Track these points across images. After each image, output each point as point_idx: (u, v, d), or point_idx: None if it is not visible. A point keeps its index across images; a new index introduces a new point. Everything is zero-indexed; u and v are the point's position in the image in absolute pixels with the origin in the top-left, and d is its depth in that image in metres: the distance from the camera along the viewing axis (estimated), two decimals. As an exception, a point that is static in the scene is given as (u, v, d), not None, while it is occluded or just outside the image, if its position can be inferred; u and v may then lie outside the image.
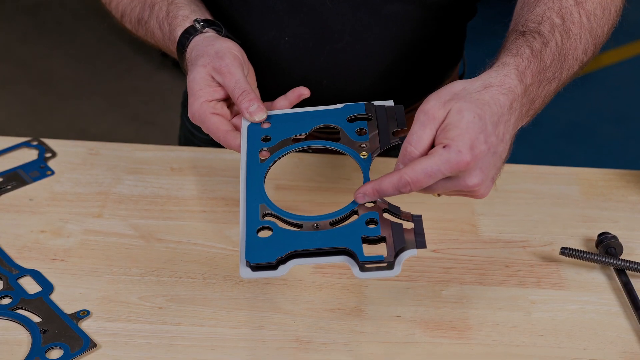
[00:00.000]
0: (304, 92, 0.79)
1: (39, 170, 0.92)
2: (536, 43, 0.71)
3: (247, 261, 0.66)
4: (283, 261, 0.66)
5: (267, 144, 0.74)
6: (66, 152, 0.95)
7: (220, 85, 0.77)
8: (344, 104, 0.77)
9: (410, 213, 0.68)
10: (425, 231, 0.80)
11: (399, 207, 0.68)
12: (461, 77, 1.08)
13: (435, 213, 0.87)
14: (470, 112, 0.64)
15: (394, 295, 0.77)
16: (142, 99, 2.50)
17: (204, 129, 0.77)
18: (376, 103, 0.76)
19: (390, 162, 0.93)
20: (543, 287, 0.79)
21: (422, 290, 0.78)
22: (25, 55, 2.70)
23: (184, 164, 0.93)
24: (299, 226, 0.68)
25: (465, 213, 0.87)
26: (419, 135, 0.66)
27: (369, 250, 0.66)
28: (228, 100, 0.79)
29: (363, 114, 0.75)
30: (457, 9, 0.96)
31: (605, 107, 2.48)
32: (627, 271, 0.80)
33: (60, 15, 2.88)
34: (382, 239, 0.66)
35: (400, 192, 0.65)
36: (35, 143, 0.96)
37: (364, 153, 0.72)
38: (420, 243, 0.66)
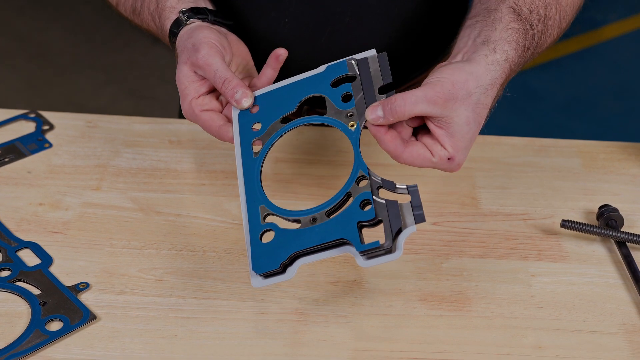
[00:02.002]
0: (280, 52, 0.77)
1: (36, 142, 0.91)
2: (528, 37, 0.75)
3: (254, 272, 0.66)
4: (288, 264, 0.66)
5: (258, 132, 0.73)
6: (64, 124, 0.94)
7: (204, 78, 0.76)
8: (326, 66, 0.74)
9: (405, 186, 0.66)
10: (426, 204, 0.80)
11: (392, 182, 0.67)
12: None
13: (436, 186, 0.87)
14: (475, 124, 0.69)
15: (393, 268, 0.77)
16: (141, 73, 2.48)
17: (200, 126, 0.76)
18: (358, 56, 0.73)
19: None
20: (543, 260, 0.79)
21: (422, 263, 0.78)
22: (22, 29, 2.68)
23: (182, 136, 0.92)
24: (298, 222, 0.68)
25: (466, 186, 0.87)
26: (415, 106, 0.67)
27: (369, 234, 0.65)
28: (216, 92, 0.77)
29: (346, 74, 0.72)
30: None
31: (606, 80, 2.47)
32: (627, 244, 0.80)
33: (57, -12, 2.85)
34: (378, 222, 0.65)
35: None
36: (32, 115, 0.95)
37: (352, 123, 0.70)
38: (419, 217, 0.64)
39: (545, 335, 0.71)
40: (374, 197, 0.66)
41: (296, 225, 0.68)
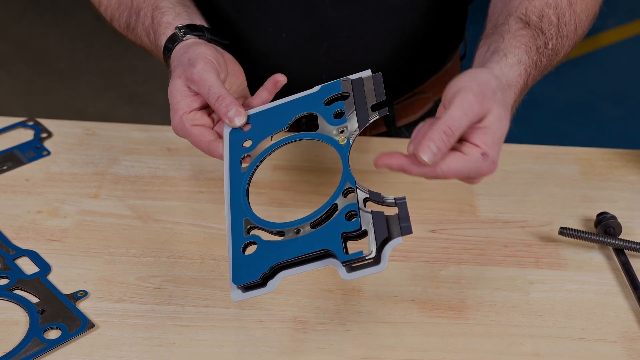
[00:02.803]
0: (279, 78, 0.77)
1: (35, 150, 0.91)
2: (540, 42, 0.74)
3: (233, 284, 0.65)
4: (270, 276, 0.65)
5: (248, 149, 0.72)
6: (62, 132, 0.94)
7: (197, 94, 0.75)
8: (321, 86, 0.74)
9: (393, 198, 0.64)
10: (424, 212, 0.80)
11: (379, 193, 0.65)
12: (462, 58, 1.07)
13: (434, 193, 0.87)
14: (506, 120, 0.67)
15: (392, 276, 0.77)
16: (139, 78, 2.49)
17: (189, 141, 0.75)
18: (353, 76, 0.73)
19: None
20: (541, 267, 0.79)
21: (421, 270, 0.78)
22: (21, 34, 2.68)
23: (181, 144, 0.92)
24: (282, 234, 0.66)
25: (464, 193, 0.87)
26: (460, 123, 0.63)
27: (354, 246, 0.63)
28: (209, 108, 0.77)
29: (340, 93, 0.72)
30: None
31: (604, 86, 2.47)
32: (625, 251, 0.80)
33: (56, -6, 2.86)
34: (363, 233, 0.63)
35: (425, 177, 0.65)
36: (31, 123, 0.95)
37: (342, 138, 0.70)
38: (406, 229, 0.62)
39: (544, 343, 0.71)
40: (360, 208, 0.64)
41: (280, 238, 0.67)
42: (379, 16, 0.89)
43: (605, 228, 0.81)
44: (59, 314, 0.72)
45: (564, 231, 0.80)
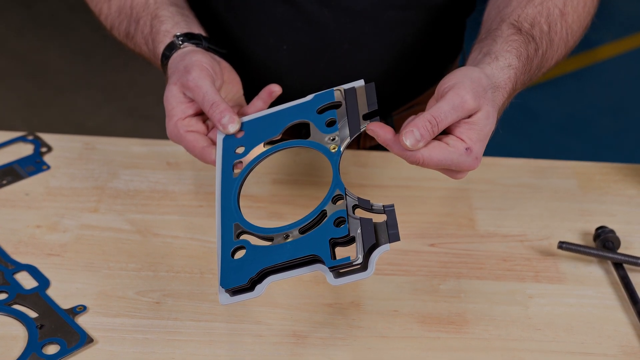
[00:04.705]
0: (274, 88, 0.78)
1: (34, 165, 0.91)
2: (531, 48, 0.75)
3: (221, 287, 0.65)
4: (258, 280, 0.65)
5: (240, 155, 0.73)
6: (62, 146, 0.94)
7: (192, 100, 0.76)
8: (314, 95, 0.74)
9: (382, 205, 0.65)
10: (423, 226, 0.80)
11: (368, 201, 0.66)
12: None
13: (433, 207, 0.87)
14: (493, 119, 0.68)
15: (391, 290, 0.77)
16: (139, 92, 2.49)
17: (183, 147, 0.76)
18: (345, 86, 0.73)
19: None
20: (540, 281, 0.79)
21: (420, 284, 0.78)
22: (21, 48, 2.69)
23: (180, 158, 0.93)
24: (270, 239, 0.67)
25: (463, 207, 0.87)
26: (446, 115, 0.66)
27: (342, 252, 0.64)
28: (203, 115, 0.77)
29: (333, 102, 0.73)
30: (456, 8, 0.96)
31: (602, 100, 2.48)
32: (624, 265, 0.80)
33: (56, 8, 2.86)
34: (351, 240, 0.64)
35: (406, 160, 0.67)
36: (30, 138, 0.95)
37: (334, 146, 0.70)
38: (393, 236, 0.63)
39: (543, 358, 0.71)
40: (348, 214, 0.65)
41: (269, 243, 0.67)
42: (378, 30, 0.90)
43: (604, 242, 0.82)
44: (58, 329, 0.72)
45: (563, 245, 0.80)
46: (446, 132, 0.68)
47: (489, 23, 0.80)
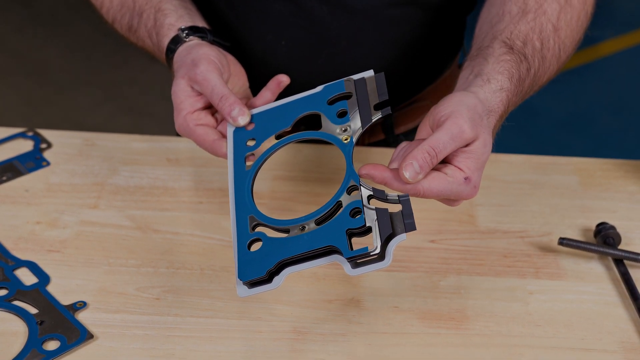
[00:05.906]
0: (282, 79, 0.78)
1: (34, 161, 0.91)
2: (523, 68, 0.75)
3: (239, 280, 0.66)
4: (275, 272, 0.66)
5: (252, 147, 0.73)
6: (62, 143, 0.94)
7: (200, 94, 0.76)
8: (324, 86, 0.74)
9: (397, 195, 0.66)
10: (424, 222, 0.80)
11: (384, 191, 0.66)
12: (461, 66, 1.07)
13: (433, 203, 0.86)
14: (490, 146, 0.68)
15: (391, 286, 0.77)
16: (139, 90, 2.49)
17: (193, 141, 0.76)
18: (355, 76, 0.73)
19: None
20: (541, 278, 0.79)
21: (420, 281, 0.78)
22: (21, 46, 2.69)
23: (180, 154, 0.93)
24: (287, 231, 0.67)
25: (464, 204, 0.87)
26: (445, 146, 0.65)
27: (358, 242, 0.64)
28: (212, 108, 0.77)
29: (343, 92, 0.73)
30: (456, 6, 0.95)
31: (603, 97, 2.48)
32: (625, 261, 0.80)
33: (55, 6, 2.86)
34: (368, 230, 0.64)
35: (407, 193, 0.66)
36: (30, 134, 0.95)
37: (346, 136, 0.70)
38: (409, 226, 0.64)
39: (543, 354, 0.71)
40: (364, 205, 0.65)
41: (285, 235, 0.67)
42: (377, 27, 0.90)
43: (604, 238, 0.81)
44: (58, 325, 0.72)
45: (563, 241, 0.80)
46: (444, 161, 0.67)
47: (481, 39, 0.79)
